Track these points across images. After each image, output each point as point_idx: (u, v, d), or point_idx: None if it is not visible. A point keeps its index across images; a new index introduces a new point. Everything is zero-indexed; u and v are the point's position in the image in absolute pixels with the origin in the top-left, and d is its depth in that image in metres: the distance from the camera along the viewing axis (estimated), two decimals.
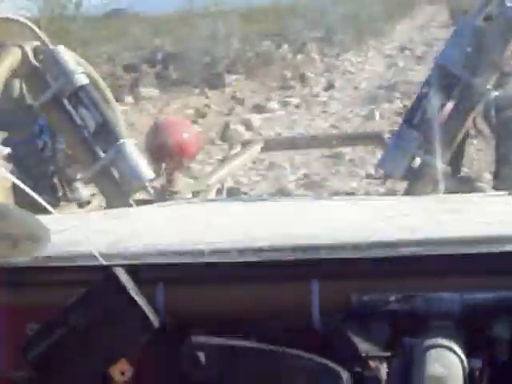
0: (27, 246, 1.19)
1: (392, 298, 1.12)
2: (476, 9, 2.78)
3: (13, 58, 2.85)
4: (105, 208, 3.20)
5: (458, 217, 1.42)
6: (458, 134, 2.82)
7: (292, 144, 5.12)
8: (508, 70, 2.68)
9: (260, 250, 1.19)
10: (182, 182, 4.12)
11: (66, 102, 2.96)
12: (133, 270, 1.15)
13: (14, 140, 3.13)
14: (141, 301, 1.12)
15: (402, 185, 3.12)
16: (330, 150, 6.39)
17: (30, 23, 2.94)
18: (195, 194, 3.97)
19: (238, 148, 4.59)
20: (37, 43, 2.96)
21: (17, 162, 3.13)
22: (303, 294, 1.14)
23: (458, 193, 2.49)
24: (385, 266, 1.15)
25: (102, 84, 3.18)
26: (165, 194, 3.73)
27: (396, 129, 3.59)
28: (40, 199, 1.24)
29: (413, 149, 2.83)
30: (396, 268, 1.15)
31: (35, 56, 2.94)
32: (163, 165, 3.83)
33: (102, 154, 3.01)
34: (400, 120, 3.58)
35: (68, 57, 2.96)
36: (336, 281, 1.16)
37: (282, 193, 4.30)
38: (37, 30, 2.95)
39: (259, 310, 1.17)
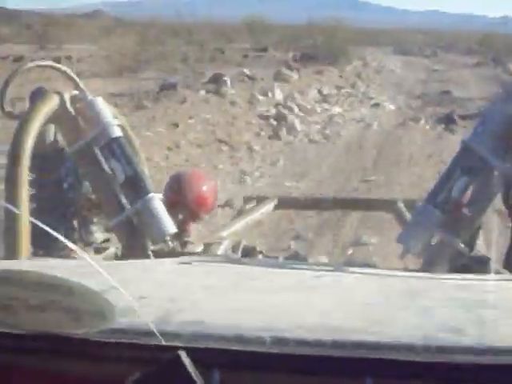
0: (90, 321, 1.22)
1: None
2: (508, 95, 2.82)
3: (51, 104, 2.91)
4: (122, 255, 3.23)
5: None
6: (481, 217, 2.84)
7: (305, 204, 5.15)
8: None
9: (321, 344, 1.22)
10: (194, 232, 4.16)
11: (98, 151, 3.02)
12: (189, 352, 1.16)
13: (40, 181, 3.19)
14: None
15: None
16: None
17: (70, 72, 3.01)
18: (206, 245, 4.00)
19: (252, 203, 4.62)
20: (75, 92, 3.02)
21: (40, 202, 3.18)
22: None
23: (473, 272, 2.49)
24: (442, 373, 1.16)
25: (133, 137, 3.25)
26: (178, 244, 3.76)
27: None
28: (75, 247, 1.27)
29: (434, 227, 2.83)
30: (453, 376, 1.16)
31: (72, 104, 3.01)
32: (180, 216, 3.86)
33: (128, 206, 3.06)
34: None
35: (105, 108, 3.02)
36: (391, 380, 1.18)
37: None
38: (77, 79, 3.02)
39: None
